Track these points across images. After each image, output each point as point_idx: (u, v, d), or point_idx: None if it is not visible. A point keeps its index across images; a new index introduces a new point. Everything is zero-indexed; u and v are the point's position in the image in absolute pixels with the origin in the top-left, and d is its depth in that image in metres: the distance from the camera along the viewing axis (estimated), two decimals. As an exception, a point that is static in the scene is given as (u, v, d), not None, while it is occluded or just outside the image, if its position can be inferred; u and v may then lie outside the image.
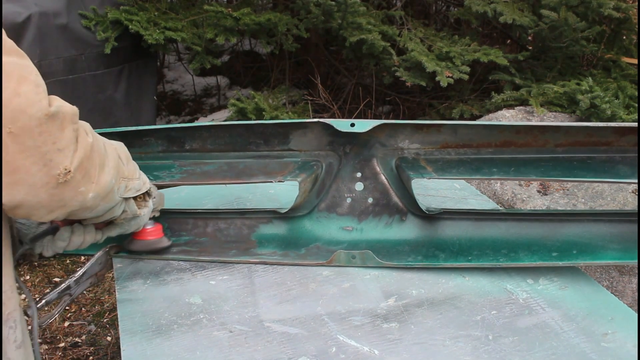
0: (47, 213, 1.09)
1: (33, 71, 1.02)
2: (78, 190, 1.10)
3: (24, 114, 0.97)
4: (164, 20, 3.95)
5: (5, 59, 0.97)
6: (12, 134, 0.97)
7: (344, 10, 3.73)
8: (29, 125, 0.98)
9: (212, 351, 1.36)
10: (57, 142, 1.03)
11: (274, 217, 1.82)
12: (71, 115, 1.07)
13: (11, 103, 0.96)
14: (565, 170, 1.63)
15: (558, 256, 1.64)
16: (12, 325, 1.09)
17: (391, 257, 1.70)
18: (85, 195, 1.13)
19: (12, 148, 0.97)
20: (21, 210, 1.04)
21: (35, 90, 1.00)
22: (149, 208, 1.50)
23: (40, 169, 1.01)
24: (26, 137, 0.98)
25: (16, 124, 0.97)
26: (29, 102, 0.98)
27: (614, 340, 1.39)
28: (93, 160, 1.13)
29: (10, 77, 0.96)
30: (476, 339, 1.40)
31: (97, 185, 1.15)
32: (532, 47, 4.17)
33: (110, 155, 1.23)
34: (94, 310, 2.97)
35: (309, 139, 1.74)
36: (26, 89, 0.98)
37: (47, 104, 1.01)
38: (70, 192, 1.08)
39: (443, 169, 1.70)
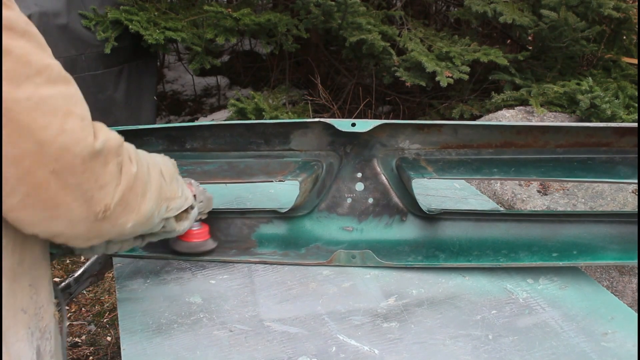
0: (84, 242, 1.07)
1: (79, 100, 1.00)
2: (117, 223, 1.07)
3: (68, 152, 0.95)
4: (164, 20, 3.95)
5: (51, 90, 0.94)
6: (55, 172, 0.94)
7: (344, 11, 3.73)
8: (73, 164, 0.96)
9: (212, 350, 1.36)
10: (99, 179, 1.00)
11: (274, 216, 1.82)
12: (116, 148, 1.04)
13: (56, 141, 0.93)
14: (565, 171, 1.63)
15: (558, 256, 1.64)
16: (47, 337, 1.10)
17: (391, 257, 1.70)
18: (124, 226, 1.10)
19: (54, 185, 0.95)
20: (59, 239, 1.03)
21: (81, 125, 0.97)
22: (190, 220, 1.46)
23: (81, 205, 0.99)
24: (69, 175, 0.96)
25: (60, 162, 0.94)
26: (74, 140, 0.95)
27: (614, 340, 1.39)
28: (135, 190, 1.10)
29: (56, 113, 0.94)
30: (476, 338, 1.40)
31: (138, 214, 1.12)
32: (532, 47, 4.17)
33: (153, 179, 1.20)
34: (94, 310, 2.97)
35: (310, 139, 1.75)
36: (72, 125, 0.95)
37: (92, 140, 0.98)
38: (108, 225, 1.06)
39: (443, 169, 1.70)
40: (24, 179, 0.93)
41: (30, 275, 1.06)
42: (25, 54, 0.92)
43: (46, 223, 0.98)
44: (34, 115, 0.91)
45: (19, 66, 0.91)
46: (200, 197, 1.57)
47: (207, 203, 1.62)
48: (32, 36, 0.96)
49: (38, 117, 0.92)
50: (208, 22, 4.00)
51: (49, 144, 0.93)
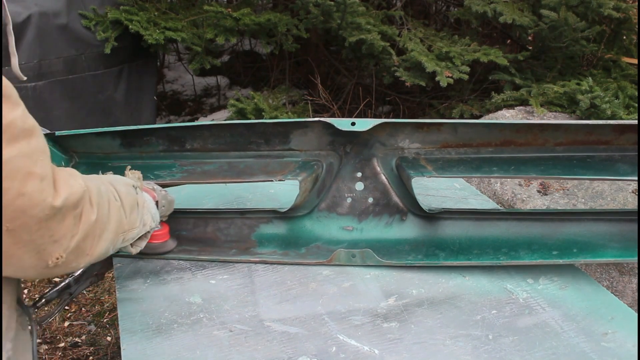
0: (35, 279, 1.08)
1: (40, 155, 0.98)
2: (69, 267, 1.07)
3: (24, 214, 0.94)
4: (164, 20, 3.95)
5: (12, 150, 0.92)
6: (10, 230, 0.94)
7: (343, 11, 3.73)
8: (28, 224, 0.95)
9: (212, 350, 1.36)
10: (54, 234, 1.00)
11: (274, 216, 1.82)
12: (76, 202, 1.03)
13: (13, 204, 0.92)
14: (565, 169, 1.63)
15: (558, 254, 1.64)
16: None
17: (391, 256, 1.70)
18: (76, 269, 1.11)
19: (7, 241, 0.94)
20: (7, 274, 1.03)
21: (40, 187, 0.95)
22: (146, 241, 1.48)
23: (32, 257, 0.99)
24: (23, 233, 0.95)
25: (15, 222, 0.93)
26: (32, 203, 0.94)
27: (614, 340, 1.39)
28: (92, 236, 1.09)
29: (15, 176, 0.92)
30: (476, 338, 1.40)
31: (91, 257, 1.12)
32: (532, 47, 4.16)
33: (112, 217, 1.19)
34: (94, 310, 2.97)
35: (310, 139, 1.74)
36: (31, 187, 0.94)
37: (50, 201, 0.97)
38: (59, 270, 1.06)
39: (443, 168, 1.70)
40: None
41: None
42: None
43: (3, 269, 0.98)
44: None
45: None
46: (162, 201, 1.59)
47: (168, 206, 1.64)
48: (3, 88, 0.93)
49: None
50: (208, 22, 4.00)
51: (5, 207, 0.92)
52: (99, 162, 1.77)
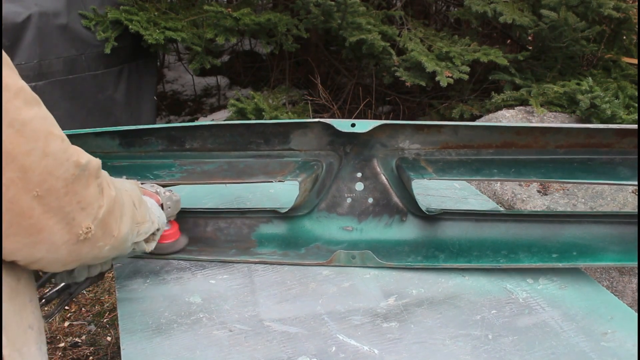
0: (61, 267, 1.07)
1: (53, 120, 0.98)
2: (96, 245, 1.07)
3: (51, 176, 0.94)
4: (164, 20, 3.95)
5: (30, 112, 0.92)
6: (39, 196, 0.94)
7: (344, 11, 3.73)
8: (56, 187, 0.95)
9: (212, 350, 1.36)
10: (81, 200, 1.00)
11: (274, 216, 1.82)
12: (96, 170, 1.04)
13: (39, 165, 0.93)
14: (565, 172, 1.63)
15: (558, 257, 1.64)
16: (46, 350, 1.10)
17: (391, 257, 1.70)
18: (101, 249, 1.11)
19: (38, 210, 0.94)
20: (37, 265, 1.02)
21: (62, 148, 0.96)
22: (157, 240, 1.48)
23: (63, 228, 0.99)
24: (52, 199, 0.95)
25: (43, 186, 0.94)
26: (57, 163, 0.95)
27: (614, 340, 1.39)
28: (115, 214, 1.10)
29: (37, 137, 0.93)
30: (476, 338, 1.40)
31: (116, 238, 1.13)
32: (532, 47, 4.17)
33: (126, 203, 1.20)
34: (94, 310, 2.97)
35: (310, 139, 1.75)
36: (54, 147, 0.95)
37: (73, 163, 0.98)
38: (88, 248, 1.06)
39: (443, 169, 1.70)
40: (8, 208, 0.91)
41: (28, 292, 1.05)
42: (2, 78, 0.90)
43: (27, 249, 0.97)
44: (17, 142, 0.90)
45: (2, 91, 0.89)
46: (167, 202, 1.60)
47: (174, 206, 1.65)
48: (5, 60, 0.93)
49: (21, 143, 0.91)
50: (208, 22, 4.01)
51: (32, 170, 0.92)
52: (99, 162, 1.77)
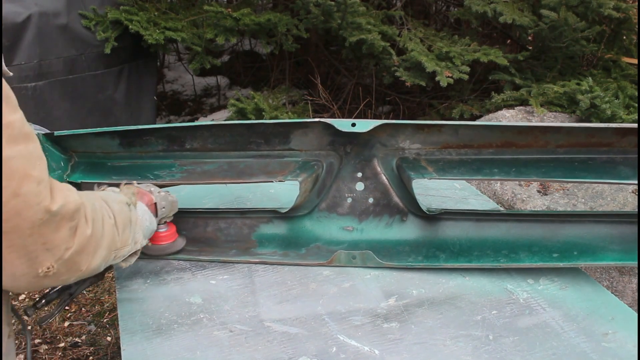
0: (25, 291, 1.07)
1: (37, 159, 0.98)
2: (59, 279, 1.06)
3: (19, 216, 0.94)
4: (164, 20, 3.94)
5: (11, 150, 0.92)
6: (3, 232, 0.93)
7: (344, 11, 3.73)
8: (21, 227, 0.95)
9: (212, 351, 1.36)
10: (47, 242, 0.99)
11: (275, 216, 1.82)
12: (72, 213, 1.02)
13: (8, 204, 0.92)
14: (566, 171, 1.63)
15: (559, 257, 1.64)
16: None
17: (392, 257, 1.70)
18: (66, 281, 1.10)
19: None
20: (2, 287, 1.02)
21: (36, 190, 0.95)
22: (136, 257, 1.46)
23: (24, 263, 0.98)
24: (15, 237, 0.95)
25: (8, 224, 0.93)
26: (26, 205, 0.94)
27: (615, 340, 1.39)
28: (87, 251, 1.09)
29: (12, 176, 0.92)
30: (477, 338, 1.40)
31: (83, 272, 1.11)
32: (532, 47, 4.16)
33: (106, 234, 1.18)
34: (94, 310, 2.96)
35: (310, 139, 1.74)
36: (27, 189, 0.94)
37: (44, 208, 0.96)
38: (49, 281, 1.05)
39: (444, 169, 1.70)
40: None
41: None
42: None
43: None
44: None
45: None
46: (162, 202, 1.59)
47: (170, 207, 1.63)
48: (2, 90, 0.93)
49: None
50: (208, 22, 4.00)
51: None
52: (98, 162, 1.77)
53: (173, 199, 1.66)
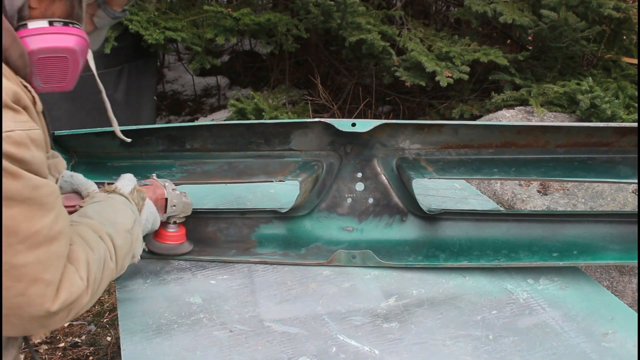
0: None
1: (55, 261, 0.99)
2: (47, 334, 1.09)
3: (20, 309, 0.96)
4: (164, 20, 3.94)
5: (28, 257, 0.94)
6: (4, 314, 0.95)
7: (343, 10, 3.73)
8: (21, 317, 0.97)
9: (212, 351, 1.36)
10: (45, 326, 1.01)
11: (275, 216, 1.82)
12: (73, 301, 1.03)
13: (11, 301, 0.95)
14: (566, 171, 1.63)
15: (558, 256, 1.64)
16: None
17: (391, 257, 1.70)
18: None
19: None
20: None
21: (43, 292, 0.97)
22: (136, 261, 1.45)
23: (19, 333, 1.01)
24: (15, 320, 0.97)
25: (9, 310, 0.96)
26: (29, 303, 0.96)
27: (615, 340, 1.39)
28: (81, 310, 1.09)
29: (22, 279, 0.94)
30: (476, 338, 1.40)
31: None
32: (532, 47, 4.16)
33: (104, 281, 1.17)
34: (94, 310, 2.96)
35: (310, 139, 1.74)
36: (34, 291, 0.96)
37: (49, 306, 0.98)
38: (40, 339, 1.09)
39: (444, 169, 1.70)
40: None
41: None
42: (14, 224, 0.92)
43: None
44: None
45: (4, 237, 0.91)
46: (174, 200, 1.58)
47: (182, 207, 1.62)
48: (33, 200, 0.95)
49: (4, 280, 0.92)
50: (208, 22, 4.00)
51: (5, 299, 0.94)
52: (98, 162, 1.77)
53: (187, 201, 1.64)
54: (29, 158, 0.95)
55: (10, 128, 0.93)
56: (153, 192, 1.53)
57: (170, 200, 1.57)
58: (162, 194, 1.56)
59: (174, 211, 1.60)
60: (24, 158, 0.94)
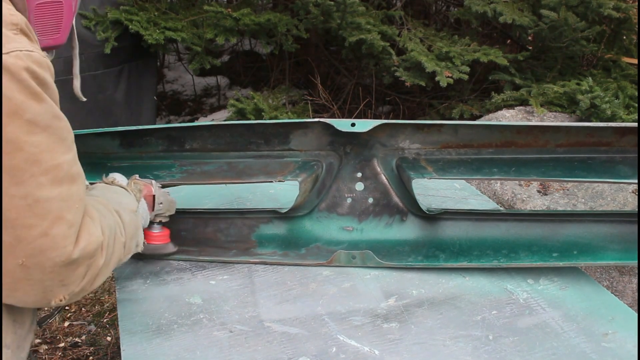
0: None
1: (76, 202, 0.99)
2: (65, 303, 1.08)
3: (43, 254, 0.95)
4: (164, 20, 3.94)
5: (51, 191, 0.94)
6: (24, 265, 0.94)
7: (343, 10, 3.73)
8: (43, 265, 0.96)
9: (212, 351, 1.36)
10: (64, 280, 1.01)
11: (274, 217, 1.81)
12: (92, 252, 1.04)
13: (35, 242, 0.94)
14: (565, 171, 1.63)
15: (558, 257, 1.64)
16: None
17: (391, 257, 1.70)
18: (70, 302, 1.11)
19: (19, 275, 0.95)
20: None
21: (66, 233, 0.97)
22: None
23: (38, 294, 1.00)
24: (36, 272, 0.96)
25: (31, 259, 0.94)
26: (53, 246, 0.96)
27: (615, 341, 1.39)
28: (96, 279, 1.09)
29: (46, 216, 0.94)
30: (476, 339, 1.40)
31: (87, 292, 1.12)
32: (532, 47, 4.16)
33: (115, 255, 1.18)
34: (94, 310, 2.96)
35: (310, 139, 1.74)
36: (58, 231, 0.95)
37: (71, 250, 0.98)
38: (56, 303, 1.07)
39: (444, 169, 1.70)
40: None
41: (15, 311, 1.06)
42: (37, 152, 0.92)
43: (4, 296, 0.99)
44: (23, 214, 0.91)
45: (27, 165, 0.91)
46: (161, 198, 1.59)
47: (168, 206, 1.62)
48: (55, 130, 0.95)
49: (26, 217, 0.92)
50: (208, 22, 4.00)
51: (27, 242, 0.93)
52: (98, 162, 1.77)
53: (172, 199, 1.66)
54: (49, 82, 0.95)
55: (29, 49, 0.92)
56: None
57: (157, 197, 1.58)
58: (150, 191, 1.56)
59: (160, 209, 1.60)
60: (45, 80, 0.94)
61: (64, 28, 1.16)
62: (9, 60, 0.89)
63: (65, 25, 1.16)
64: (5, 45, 0.90)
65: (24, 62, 0.90)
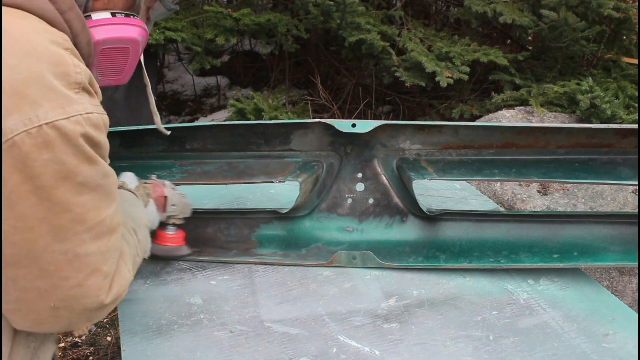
0: None
1: (113, 253, 1.00)
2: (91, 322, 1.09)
3: (76, 301, 0.96)
4: (164, 20, 3.94)
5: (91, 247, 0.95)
6: (55, 308, 0.96)
7: (343, 11, 3.73)
8: (75, 309, 0.97)
9: (212, 351, 1.36)
10: (91, 319, 1.02)
11: (275, 217, 1.81)
12: (123, 293, 1.05)
13: (70, 291, 0.95)
14: (566, 172, 1.63)
15: (559, 258, 1.64)
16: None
17: (392, 257, 1.69)
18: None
19: (47, 314, 0.96)
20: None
21: (100, 285, 0.98)
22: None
23: (63, 328, 1.01)
24: (65, 313, 0.97)
25: (63, 304, 0.96)
26: (85, 294, 0.97)
27: (615, 341, 1.39)
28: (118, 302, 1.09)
29: (83, 270, 0.95)
30: (477, 339, 1.40)
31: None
32: (532, 47, 4.16)
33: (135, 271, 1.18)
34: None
35: (310, 139, 1.74)
36: (92, 282, 0.97)
37: (102, 299, 0.99)
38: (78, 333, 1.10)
39: (444, 169, 1.70)
40: (23, 302, 0.94)
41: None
42: (84, 212, 0.93)
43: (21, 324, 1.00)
44: (61, 267, 0.92)
45: (72, 224, 0.92)
46: (174, 200, 1.58)
47: (182, 208, 1.62)
48: (102, 188, 0.95)
49: (65, 269, 0.93)
50: (208, 22, 4.00)
51: (61, 290, 0.94)
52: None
53: (187, 202, 1.64)
54: (103, 143, 0.96)
55: (89, 110, 0.93)
56: (153, 190, 1.53)
57: (170, 198, 1.57)
58: (162, 192, 1.56)
59: (174, 211, 1.59)
60: (100, 142, 0.95)
61: (127, 70, 1.17)
62: (69, 126, 0.89)
63: (129, 68, 1.17)
64: (66, 108, 0.90)
65: (82, 128, 0.91)
